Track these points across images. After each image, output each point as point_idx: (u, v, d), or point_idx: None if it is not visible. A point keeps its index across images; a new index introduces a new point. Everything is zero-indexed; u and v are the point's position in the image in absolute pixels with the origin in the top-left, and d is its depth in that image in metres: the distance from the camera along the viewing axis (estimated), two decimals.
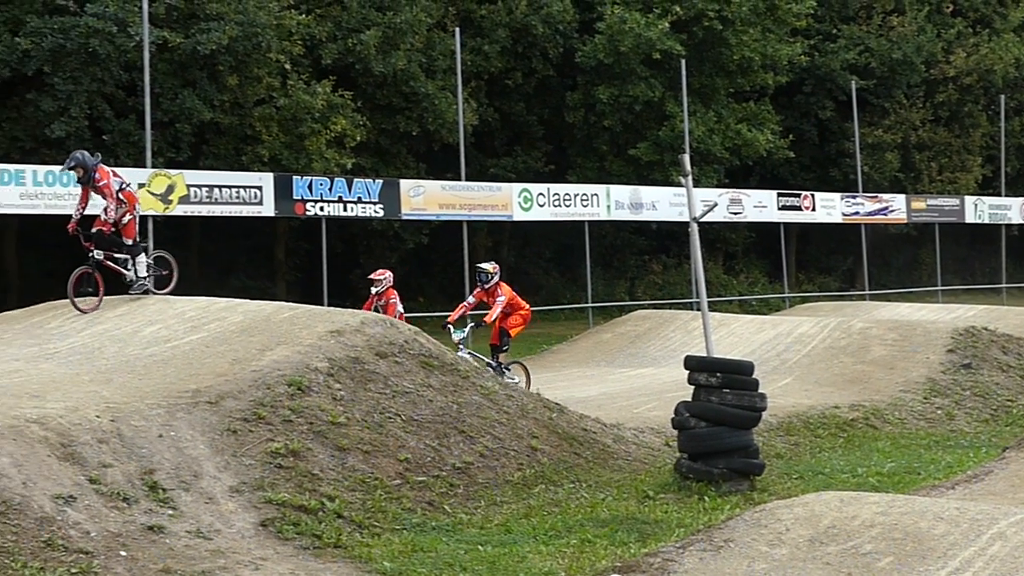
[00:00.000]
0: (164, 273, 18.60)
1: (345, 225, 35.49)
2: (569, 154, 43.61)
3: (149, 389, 12.95)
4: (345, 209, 31.09)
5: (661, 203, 38.14)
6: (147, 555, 10.10)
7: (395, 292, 21.49)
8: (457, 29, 34.86)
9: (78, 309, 17.40)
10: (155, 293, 18.12)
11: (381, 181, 32.33)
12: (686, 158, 14.79)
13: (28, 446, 10.86)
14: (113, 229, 17.72)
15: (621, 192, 37.62)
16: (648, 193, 38.23)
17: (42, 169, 26.53)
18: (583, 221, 36.38)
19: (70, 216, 17.94)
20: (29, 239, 33.78)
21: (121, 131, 30.83)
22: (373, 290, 21.39)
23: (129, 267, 17.96)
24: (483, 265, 20.44)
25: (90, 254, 17.61)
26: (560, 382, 22.04)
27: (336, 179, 31.20)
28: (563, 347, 29.31)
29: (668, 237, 45.43)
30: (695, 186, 18.50)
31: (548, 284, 45.35)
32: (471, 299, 20.65)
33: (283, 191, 29.89)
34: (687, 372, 14.24)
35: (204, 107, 31.38)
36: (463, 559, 10.68)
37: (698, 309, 19.94)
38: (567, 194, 36.07)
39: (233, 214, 29.56)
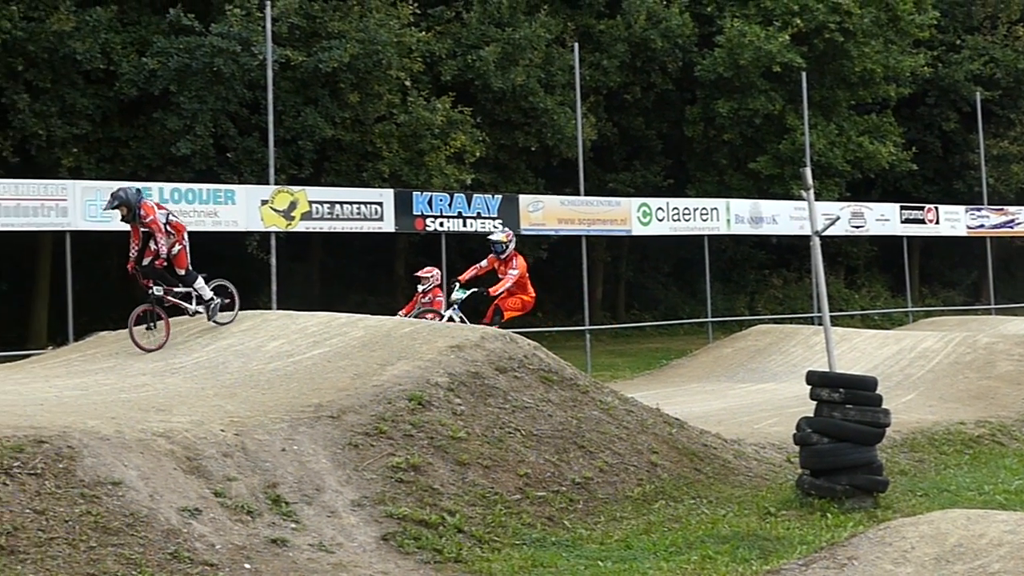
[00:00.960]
0: (225, 302, 18.24)
1: (464, 240, 35.64)
2: (688, 168, 43.44)
3: (272, 403, 13.11)
4: (464, 224, 31.21)
5: (781, 217, 37.76)
6: (271, 568, 10.22)
7: (441, 291, 21.26)
8: (576, 44, 34.87)
9: (140, 348, 17.13)
10: (217, 323, 17.82)
11: (500, 196, 32.43)
12: (807, 171, 14.64)
13: (155, 459, 11.05)
14: (166, 263, 17.44)
15: (741, 206, 37.33)
16: (768, 207, 37.89)
17: (168, 186, 26.97)
18: (702, 235, 36.15)
19: (193, 233, 18.23)
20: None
21: (245, 148, 31.29)
22: (419, 288, 21.18)
23: (191, 299, 17.76)
24: (495, 236, 19.89)
25: (149, 291, 17.52)
26: (680, 397, 21.91)
27: (456, 195, 31.36)
28: (683, 362, 29.14)
29: (789, 251, 45.05)
30: (816, 199, 18.39)
31: (667, 299, 45.22)
32: (483, 264, 19.90)
33: (403, 207, 30.09)
34: (809, 387, 14.07)
35: (326, 124, 31.75)
36: (583, 575, 10.67)
37: (819, 324, 19.69)
38: (686, 208, 35.88)
39: (354, 230, 29.80)
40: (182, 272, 17.63)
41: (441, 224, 30.77)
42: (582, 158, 34.34)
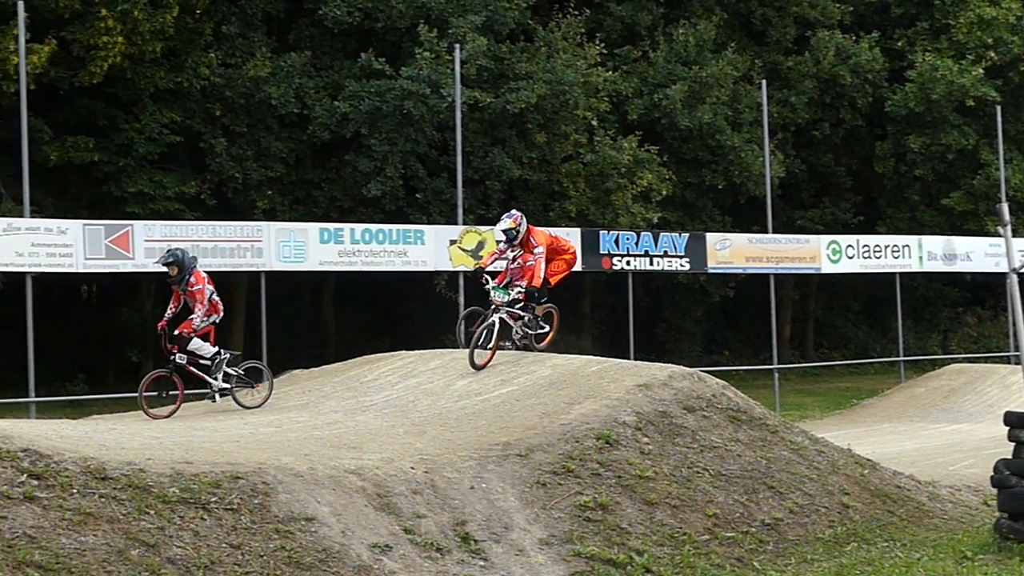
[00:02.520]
0: (257, 387, 17.61)
1: (651, 279, 35.58)
2: (879, 204, 42.70)
3: (461, 441, 13.20)
4: (651, 263, 31.11)
5: (976, 253, 36.84)
6: None
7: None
8: (763, 81, 34.63)
9: (148, 415, 16.64)
10: (244, 407, 17.10)
11: (687, 235, 32.27)
12: (1005, 207, 14.27)
13: (347, 496, 11.21)
14: (192, 332, 17.03)
15: (934, 243, 36.53)
16: (962, 243, 37.02)
17: (359, 227, 27.42)
18: (894, 273, 35.47)
19: (383, 273, 18.31)
20: (346, 295, 35.00)
21: (433, 189, 31.69)
22: (510, 254, 20.51)
23: (213, 373, 17.23)
24: (502, 226, 17.64)
25: (172, 357, 17.06)
26: (871, 437, 21.51)
27: (642, 233, 31.29)
28: (874, 401, 28.64)
29: (983, 288, 43.95)
30: (1014, 236, 17.78)
31: (857, 337, 44.46)
32: (502, 246, 17.83)
33: (590, 246, 30.12)
34: (1007, 428, 13.68)
35: (513, 164, 32.01)
36: None
37: (1017, 363, 19.14)
38: (877, 245, 35.24)
39: None
40: (177, 333, 17.03)
41: (628, 263, 30.71)
42: (770, 195, 34.01)
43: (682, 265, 31.81)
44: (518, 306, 17.39)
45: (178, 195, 30.01)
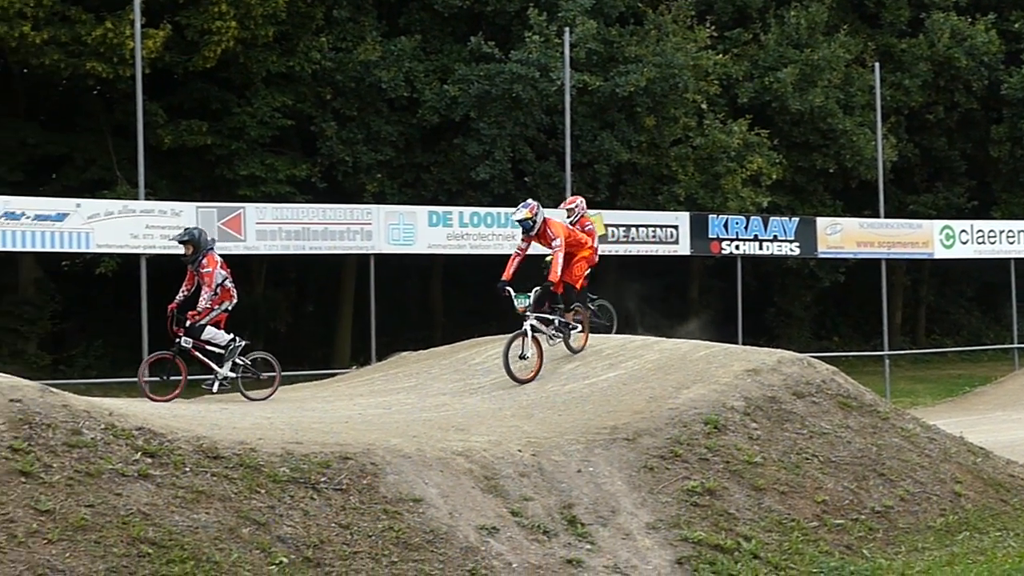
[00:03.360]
0: (263, 377, 17.22)
1: (759, 263, 35.32)
2: (994, 189, 41.94)
3: (568, 425, 13.21)
4: (760, 247, 30.86)
5: None
6: None
7: (589, 220, 20.13)
8: (876, 64, 34.14)
9: (149, 397, 16.37)
10: (250, 399, 16.64)
11: (797, 219, 31.97)
12: None
13: (454, 478, 11.27)
14: (197, 316, 16.62)
15: None
16: None
17: (468, 211, 27.52)
18: (1008, 259, 34.85)
19: (491, 256, 18.26)
20: (454, 278, 35.14)
21: (542, 173, 31.71)
22: (568, 220, 20.41)
23: (218, 360, 16.77)
24: (518, 216, 16.63)
25: (177, 340, 16.68)
26: (984, 425, 21.19)
27: (752, 217, 31.05)
28: (987, 389, 28.22)
29: None
30: None
31: (969, 324, 43.81)
32: (522, 245, 16.84)
33: (699, 230, 29.96)
34: None
35: (622, 148, 31.91)
36: None
37: None
38: (991, 231, 34.65)
39: (649, 253, 29.84)
40: (189, 323, 16.68)
41: (737, 247, 30.51)
42: (882, 180, 33.56)
43: (792, 250, 31.52)
44: (547, 307, 16.83)
45: (289, 178, 30.31)
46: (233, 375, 16.77)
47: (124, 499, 9.76)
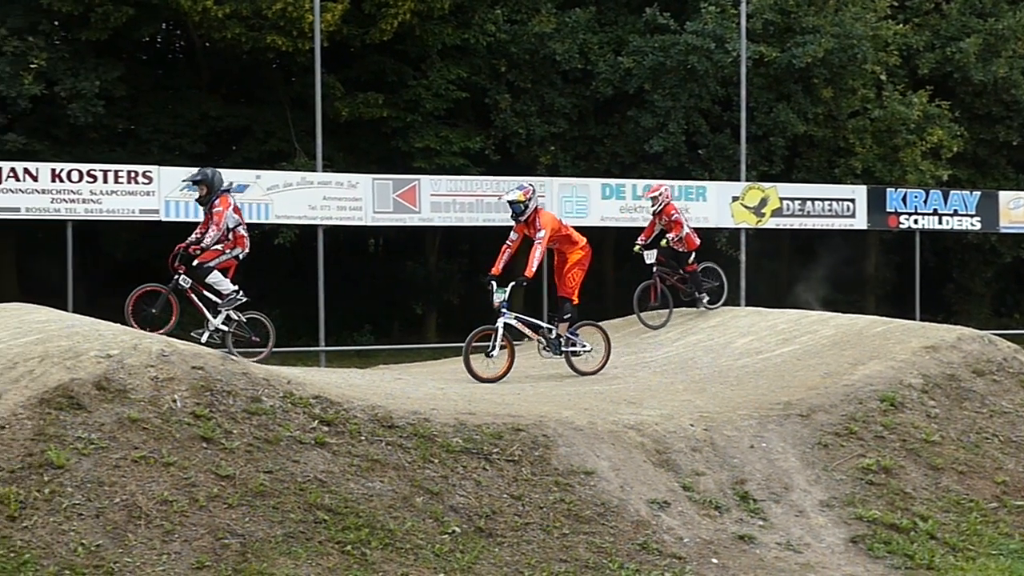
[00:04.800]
0: (255, 339, 16.49)
1: (938, 238, 34.56)
2: None
3: (741, 400, 13.12)
4: (940, 222, 30.22)
5: None
6: (737, 564, 10.24)
7: (676, 210, 19.79)
8: None
9: (136, 326, 14.97)
10: (232, 355, 14.71)
11: (978, 192, 31.22)
12: None
13: (626, 451, 11.27)
14: (198, 251, 15.94)
15: None
16: None
17: (641, 183, 27.44)
18: None
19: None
20: (626, 251, 34.99)
21: (716, 145, 31.45)
22: (651, 210, 19.96)
23: (215, 311, 16.24)
24: (509, 197, 15.79)
25: (176, 276, 16.02)
26: None
27: (931, 191, 30.42)
28: None
29: None
30: None
31: None
32: (512, 236, 15.93)
33: (876, 204, 29.45)
34: None
35: (798, 120, 31.48)
36: None
37: None
38: None
39: (825, 227, 29.44)
40: (197, 263, 15.98)
41: (915, 221, 29.92)
42: None
43: (972, 224, 30.80)
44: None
45: (463, 150, 30.53)
46: (225, 328, 16.24)
47: (301, 466, 9.95)
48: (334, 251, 24.63)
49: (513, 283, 15.51)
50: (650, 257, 19.58)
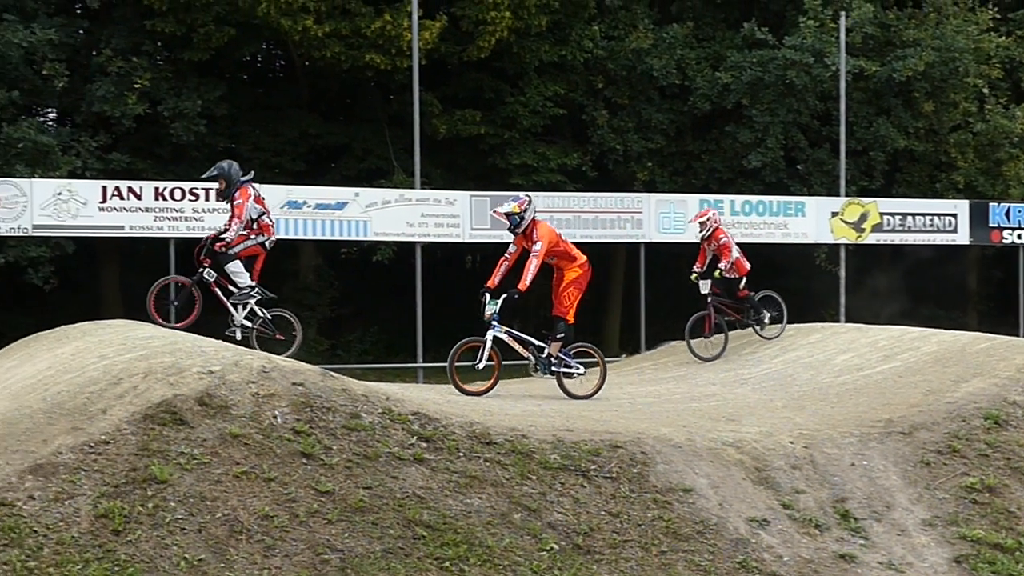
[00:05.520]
0: (279, 338, 15.71)
1: None
2: None
3: (841, 417, 12.99)
4: None
5: None
6: None
7: (725, 233, 19.44)
8: None
9: (155, 320, 14.99)
10: (255, 347, 14.95)
11: None
12: None
13: (724, 468, 11.20)
14: (224, 248, 15.34)
15: None
16: None
17: (739, 199, 27.34)
18: None
19: (763, 244, 17.95)
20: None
21: (815, 160, 31.20)
22: (699, 235, 19.55)
23: (238, 305, 15.58)
24: (505, 208, 15.12)
25: (200, 269, 15.47)
26: None
27: None
28: None
29: None
30: None
31: None
32: (511, 249, 15.29)
33: (978, 219, 29.07)
34: None
35: (898, 134, 31.17)
36: None
37: None
38: None
39: (926, 242, 29.10)
40: (224, 250, 15.38)
41: (1019, 236, 29.47)
42: None
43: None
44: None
45: (560, 167, 30.55)
46: (249, 325, 15.63)
47: (400, 482, 10.01)
48: (431, 267, 24.76)
49: (505, 295, 14.84)
50: (705, 287, 19.31)
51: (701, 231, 19.43)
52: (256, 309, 15.62)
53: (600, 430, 11.51)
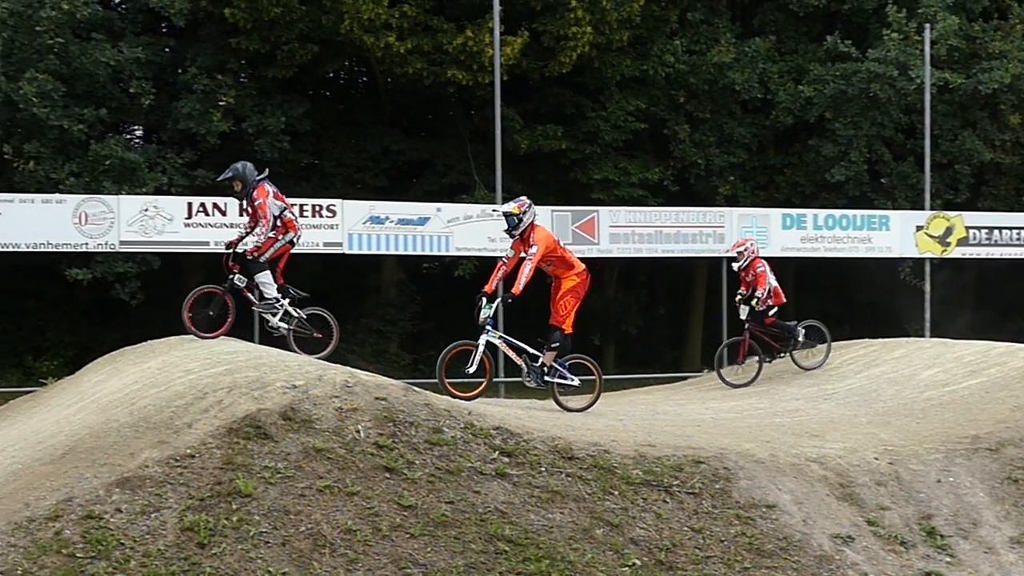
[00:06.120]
0: (317, 336, 15.48)
1: None
2: None
3: (926, 433, 12.87)
4: None
5: None
6: None
7: (762, 262, 19.36)
8: None
9: (194, 333, 14.88)
10: (296, 352, 14.88)
11: None
12: None
13: (808, 484, 11.13)
14: (255, 253, 15.14)
15: None
16: None
17: (822, 213, 27.16)
18: None
19: (846, 259, 17.80)
20: (806, 281, 34.63)
21: (899, 174, 30.92)
22: (734, 266, 19.49)
23: (271, 309, 15.38)
24: (504, 209, 14.82)
25: (230, 276, 15.28)
26: None
27: None
28: None
29: None
30: None
31: None
32: (509, 253, 15.05)
33: None
34: None
35: (984, 147, 30.82)
36: None
37: None
38: None
39: (1013, 256, 28.74)
40: (251, 257, 15.14)
41: None
42: None
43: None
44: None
45: (641, 181, 30.50)
46: (285, 326, 15.45)
47: (482, 497, 10.03)
48: (512, 282, 24.73)
49: (498, 300, 14.61)
50: (744, 312, 19.21)
51: (738, 260, 19.44)
52: (290, 310, 15.47)
53: (683, 445, 11.48)
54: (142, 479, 9.53)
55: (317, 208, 24.07)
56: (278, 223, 15.24)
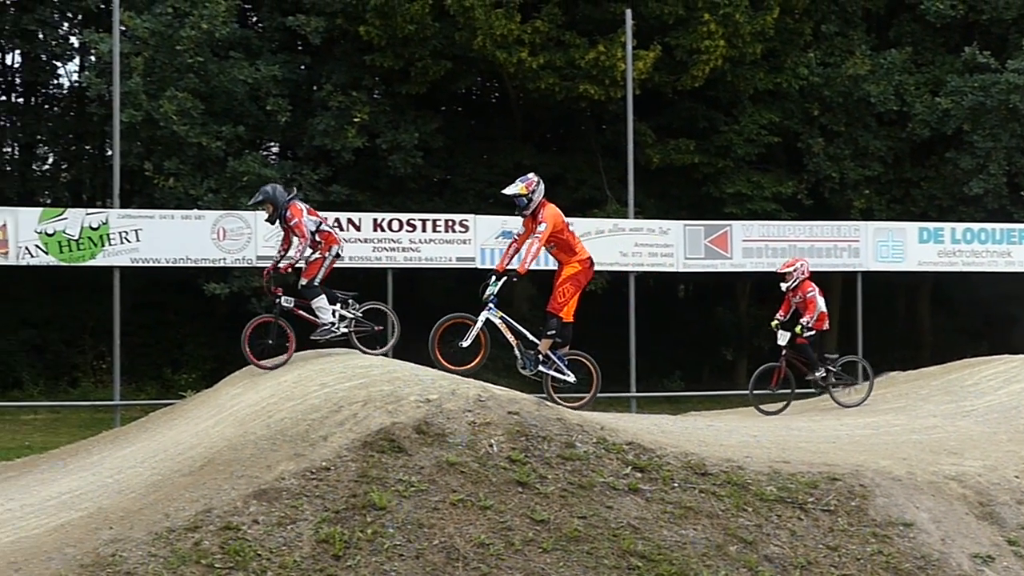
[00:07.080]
0: (377, 329, 15.30)
1: None
2: None
3: None
4: None
5: None
6: None
7: (812, 285, 18.95)
8: None
9: (257, 365, 14.83)
10: (364, 351, 15.01)
11: None
12: None
13: (946, 503, 10.95)
14: (293, 269, 15.09)
15: None
16: None
17: (960, 226, 26.72)
18: None
19: (985, 273, 17.57)
20: (943, 296, 34.09)
21: None
22: (782, 286, 19.08)
23: (328, 332, 15.14)
24: (511, 190, 14.22)
25: (277, 300, 15.18)
26: None
27: None
28: None
29: None
30: None
31: None
32: (520, 231, 14.57)
33: None
34: None
35: None
36: None
37: None
38: None
39: None
40: (304, 282, 15.12)
41: None
42: None
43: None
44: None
45: (775, 195, 30.26)
46: (345, 329, 15.19)
47: (615, 512, 10.02)
48: (644, 297, 24.75)
49: (504, 276, 14.07)
50: (783, 338, 18.85)
51: (787, 281, 19.20)
52: (344, 313, 15.24)
53: (818, 462, 11.36)
54: (279, 491, 9.67)
55: (450, 223, 24.24)
56: (316, 239, 15.12)
